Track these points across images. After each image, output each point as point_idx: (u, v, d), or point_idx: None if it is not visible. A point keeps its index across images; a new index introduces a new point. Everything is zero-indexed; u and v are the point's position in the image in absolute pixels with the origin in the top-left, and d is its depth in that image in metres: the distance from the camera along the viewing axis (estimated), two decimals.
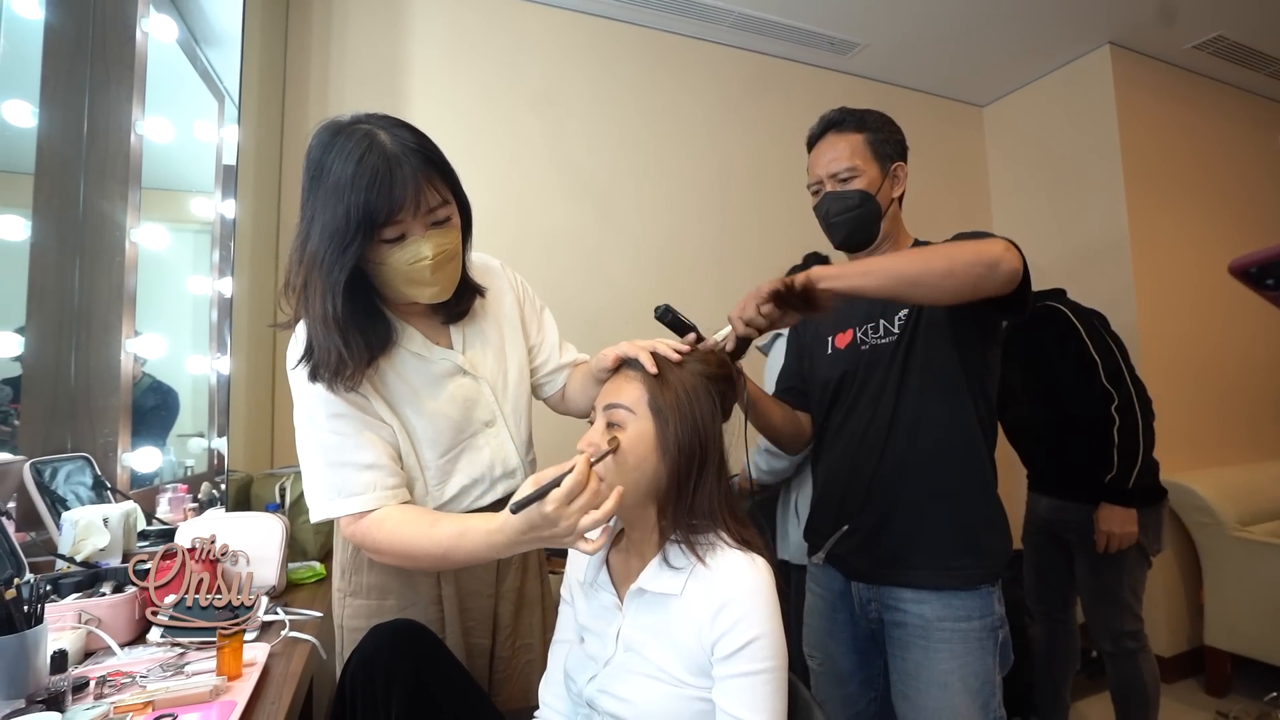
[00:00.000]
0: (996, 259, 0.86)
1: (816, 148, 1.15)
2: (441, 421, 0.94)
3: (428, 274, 0.84)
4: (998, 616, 1.01)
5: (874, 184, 1.10)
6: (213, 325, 2.03)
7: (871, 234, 1.11)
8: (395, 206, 0.79)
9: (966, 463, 1.04)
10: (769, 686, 0.70)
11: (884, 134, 1.11)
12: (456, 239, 0.88)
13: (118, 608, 0.98)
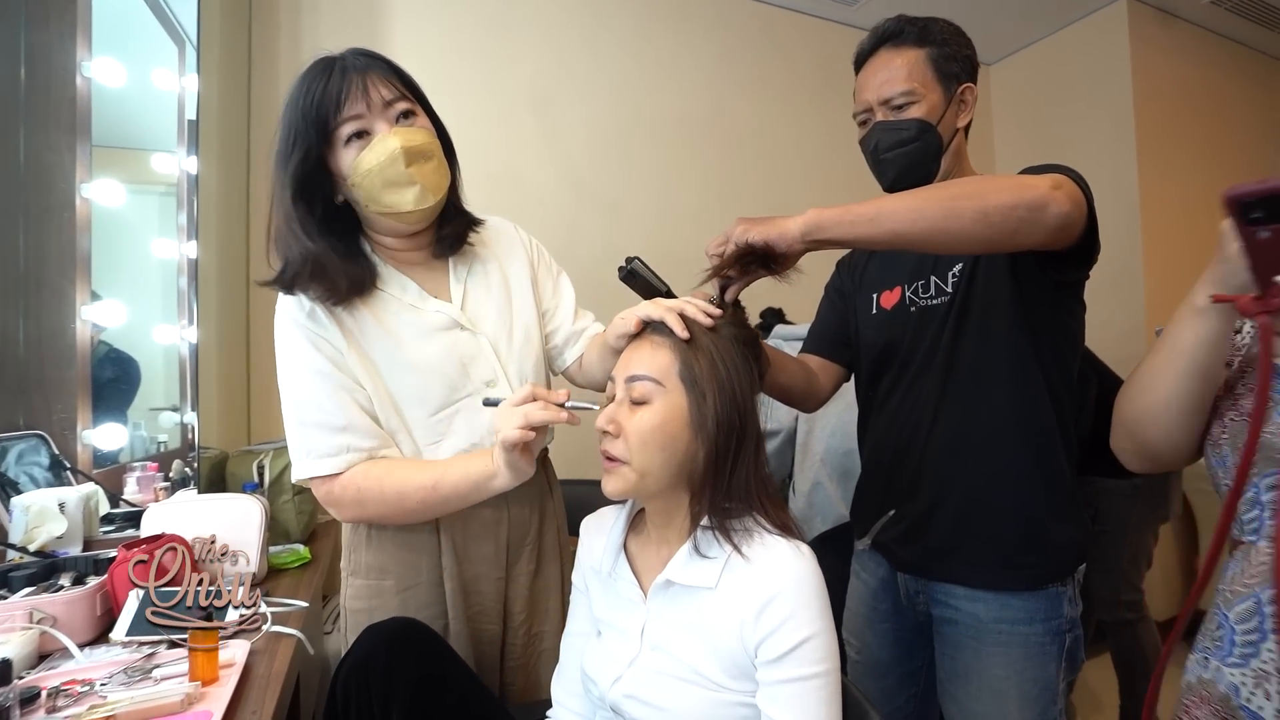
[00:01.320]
0: (1042, 200, 0.69)
1: (866, 67, 0.95)
2: (431, 377, 0.88)
3: (402, 168, 0.81)
4: (1065, 619, 0.88)
5: (935, 111, 0.91)
6: (181, 292, 1.89)
7: (929, 172, 0.93)
8: (340, 97, 0.80)
9: (1033, 443, 0.88)
10: (823, 692, 0.62)
11: (951, 48, 0.91)
12: (429, 138, 0.85)
13: (76, 604, 0.88)
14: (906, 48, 0.92)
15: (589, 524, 0.84)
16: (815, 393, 1.05)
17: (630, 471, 0.69)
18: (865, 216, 0.72)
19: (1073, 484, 0.91)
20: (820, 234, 0.73)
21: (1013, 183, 0.72)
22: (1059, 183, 0.72)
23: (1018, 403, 0.89)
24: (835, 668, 0.64)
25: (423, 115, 0.87)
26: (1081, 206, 0.74)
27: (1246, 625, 0.61)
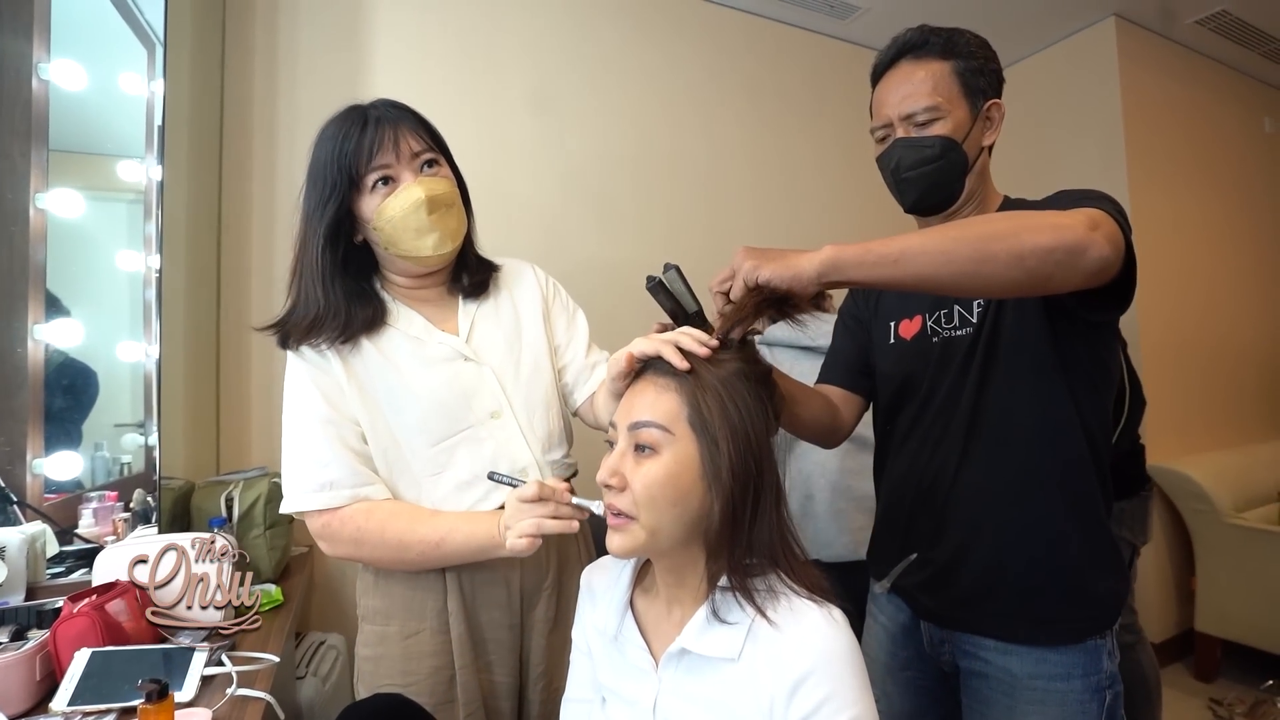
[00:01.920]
0: (1081, 244, 0.63)
1: (886, 79, 0.89)
2: (431, 407, 0.88)
3: (424, 216, 0.85)
4: (1106, 674, 0.82)
5: (961, 128, 0.85)
6: (148, 306, 1.79)
7: (953, 193, 0.88)
8: (372, 149, 0.84)
9: (1069, 488, 0.82)
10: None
11: (978, 61, 0.86)
12: (451, 187, 0.90)
13: (11, 669, 0.78)
14: (930, 60, 0.86)
15: (590, 577, 0.76)
16: (839, 428, 0.98)
17: (639, 529, 0.62)
18: (889, 258, 0.65)
19: (1109, 529, 0.85)
20: (837, 275, 0.66)
21: (1049, 222, 0.66)
22: (1096, 221, 0.66)
23: (1053, 446, 0.83)
24: None
25: (445, 165, 0.92)
26: (1120, 246, 0.68)
27: None
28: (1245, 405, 2.85)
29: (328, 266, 0.86)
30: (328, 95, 1.74)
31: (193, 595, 0.85)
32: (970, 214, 0.92)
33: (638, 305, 0.99)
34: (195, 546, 0.96)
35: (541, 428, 0.94)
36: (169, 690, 0.68)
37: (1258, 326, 2.91)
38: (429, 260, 0.89)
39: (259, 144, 1.70)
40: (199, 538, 0.99)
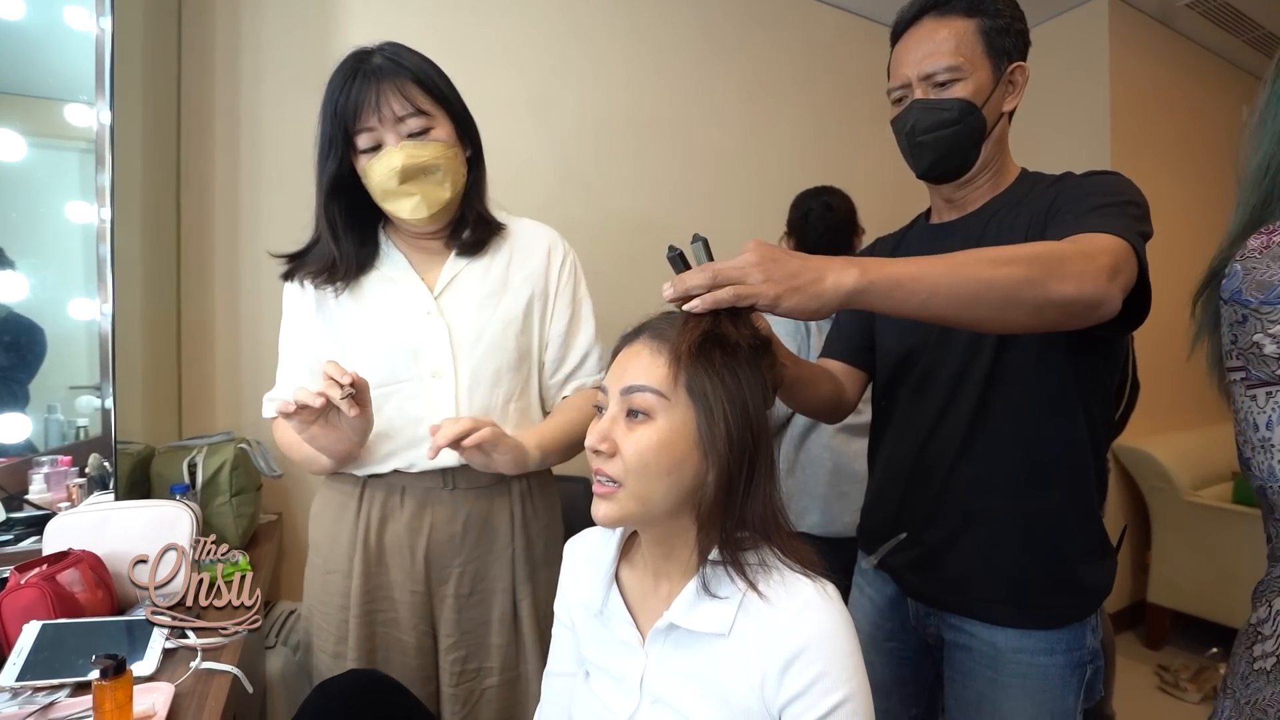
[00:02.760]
0: (1099, 298, 0.64)
1: (907, 37, 0.85)
2: (380, 350, 0.91)
3: (396, 183, 0.86)
4: (1088, 650, 0.83)
5: (982, 91, 0.81)
6: (101, 261, 1.68)
7: (969, 159, 0.84)
8: (356, 110, 0.85)
9: (1070, 480, 0.82)
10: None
11: (1005, 20, 0.81)
12: (437, 152, 0.88)
13: None
14: (954, 17, 0.82)
15: (573, 550, 0.74)
16: (843, 404, 0.96)
17: (628, 498, 0.59)
18: (918, 295, 0.61)
19: (1100, 518, 0.86)
20: (860, 305, 0.62)
21: (1077, 269, 0.63)
22: (1119, 266, 0.66)
23: (1056, 439, 0.82)
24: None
25: (441, 125, 0.89)
26: (1131, 285, 0.69)
27: None
28: (1211, 387, 2.93)
29: (333, 220, 0.91)
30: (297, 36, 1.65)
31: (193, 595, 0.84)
32: (985, 185, 0.89)
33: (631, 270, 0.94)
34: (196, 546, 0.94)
35: (482, 400, 0.92)
36: (126, 665, 0.64)
37: None
38: (409, 223, 0.91)
39: (221, 92, 1.59)
40: (201, 538, 0.95)
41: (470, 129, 0.94)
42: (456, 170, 0.91)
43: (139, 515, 0.98)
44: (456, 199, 0.93)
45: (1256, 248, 0.68)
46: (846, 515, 1.47)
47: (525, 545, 0.95)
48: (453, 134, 0.91)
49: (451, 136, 0.90)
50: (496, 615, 0.93)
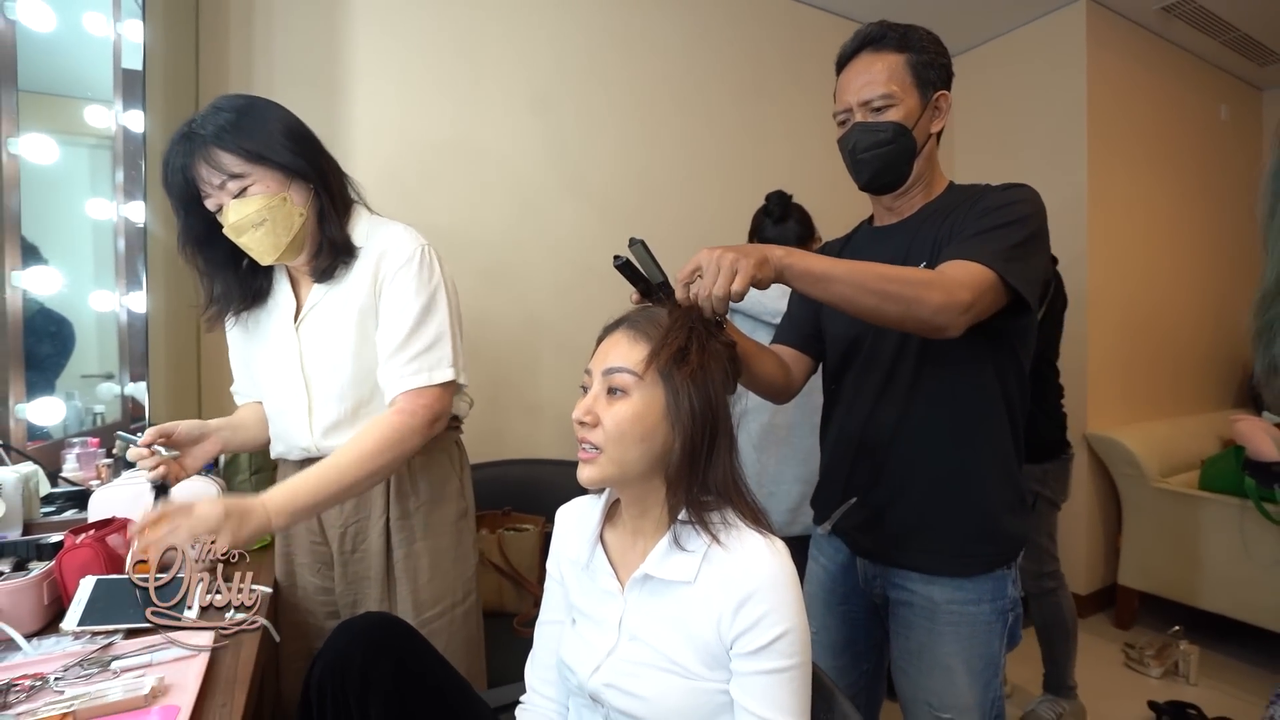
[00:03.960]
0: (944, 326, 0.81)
1: (848, 69, 0.98)
2: (259, 367, 1.09)
3: (236, 237, 0.96)
4: (1009, 599, 0.96)
5: (912, 115, 0.94)
6: (119, 255, 1.77)
7: (902, 174, 0.98)
8: (172, 188, 0.96)
9: (991, 442, 0.95)
10: (795, 683, 0.65)
11: (929, 55, 0.95)
12: (260, 204, 0.94)
13: (21, 593, 0.84)
14: (887, 52, 0.95)
15: (564, 515, 0.85)
16: (790, 385, 1.07)
17: (607, 462, 0.70)
18: (815, 275, 0.78)
19: (1020, 477, 0.98)
20: (785, 277, 0.78)
21: (938, 301, 0.79)
22: (971, 304, 0.80)
23: (978, 404, 0.94)
24: (807, 660, 0.67)
25: (259, 178, 0.94)
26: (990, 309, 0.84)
27: None
28: (1184, 380, 3.04)
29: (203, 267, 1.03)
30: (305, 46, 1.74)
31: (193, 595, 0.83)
32: (918, 195, 1.01)
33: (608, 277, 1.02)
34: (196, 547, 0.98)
35: (331, 414, 1.04)
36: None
37: (1202, 305, 3.09)
38: (268, 264, 1.01)
39: None
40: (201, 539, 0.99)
41: (301, 167, 0.97)
42: (287, 214, 0.96)
43: (174, 489, 1.08)
44: (299, 237, 0.99)
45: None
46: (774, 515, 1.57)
47: (400, 516, 1.07)
48: (275, 182, 0.95)
49: (273, 186, 0.95)
50: (374, 573, 1.06)
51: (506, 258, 2.01)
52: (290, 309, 1.06)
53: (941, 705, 0.96)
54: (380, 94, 1.83)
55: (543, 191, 2.08)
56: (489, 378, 1.91)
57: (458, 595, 1.09)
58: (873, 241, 1.06)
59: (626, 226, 2.19)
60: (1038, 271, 0.88)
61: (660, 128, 2.31)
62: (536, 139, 2.07)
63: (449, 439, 1.15)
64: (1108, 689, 2.13)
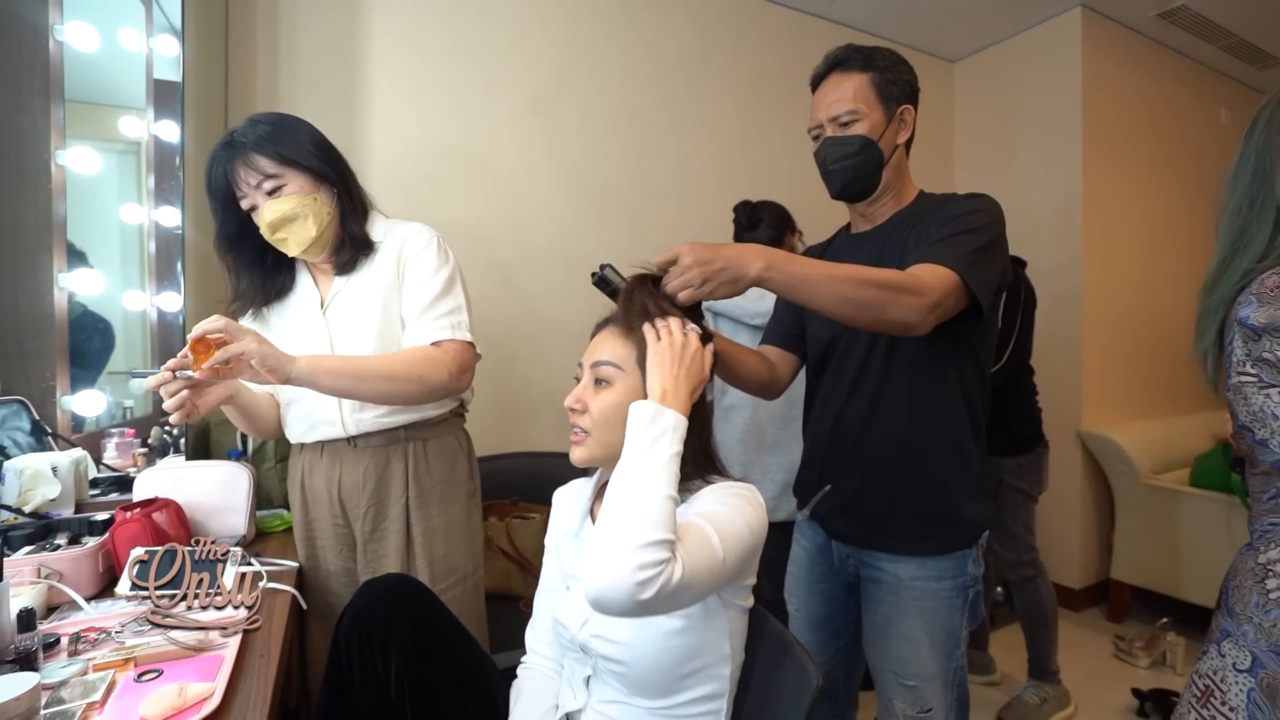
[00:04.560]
0: (914, 324, 0.87)
1: (820, 89, 1.08)
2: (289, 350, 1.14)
3: (271, 233, 1.08)
4: (969, 577, 1.03)
5: (877, 129, 1.03)
6: (150, 257, 1.89)
7: (872, 183, 1.05)
8: (214, 190, 1.08)
9: (950, 434, 1.02)
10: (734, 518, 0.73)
11: (891, 74, 1.04)
12: (294, 203, 1.07)
13: (80, 561, 0.95)
14: (853, 72, 1.04)
15: (561, 494, 0.94)
16: (776, 382, 1.16)
17: (594, 444, 0.79)
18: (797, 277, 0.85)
19: (980, 468, 1.05)
20: (767, 284, 0.84)
21: (908, 303, 0.86)
22: (941, 301, 0.88)
23: (940, 401, 1.02)
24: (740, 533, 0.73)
25: (292, 179, 1.07)
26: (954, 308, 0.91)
27: None
28: (1179, 380, 3.08)
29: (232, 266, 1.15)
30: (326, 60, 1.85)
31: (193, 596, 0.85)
32: (889, 203, 1.09)
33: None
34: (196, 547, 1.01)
35: None
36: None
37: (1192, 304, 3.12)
38: (299, 257, 1.14)
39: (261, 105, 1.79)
40: (201, 539, 1.06)
41: (327, 172, 1.10)
42: (318, 211, 1.09)
43: (209, 473, 1.19)
44: (326, 232, 1.11)
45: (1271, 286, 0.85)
46: None
47: (418, 495, 1.16)
48: (306, 183, 1.08)
49: (305, 186, 1.08)
50: (393, 550, 1.15)
51: (511, 258, 2.11)
52: (314, 299, 1.17)
53: (906, 673, 1.04)
54: (394, 104, 1.94)
55: (547, 195, 2.17)
56: (497, 374, 2.01)
57: (468, 568, 1.19)
58: (849, 246, 1.14)
59: (627, 228, 2.29)
60: (994, 275, 0.96)
61: (661, 133, 2.39)
62: (540, 145, 2.16)
63: (456, 425, 1.25)
64: (1096, 678, 2.19)
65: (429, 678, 0.80)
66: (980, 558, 1.06)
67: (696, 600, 0.71)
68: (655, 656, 0.76)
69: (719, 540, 0.69)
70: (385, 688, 0.78)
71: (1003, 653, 2.24)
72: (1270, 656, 0.84)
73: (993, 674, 2.17)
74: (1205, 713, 0.88)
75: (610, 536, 0.64)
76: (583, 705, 0.82)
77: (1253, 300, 0.87)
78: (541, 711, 0.85)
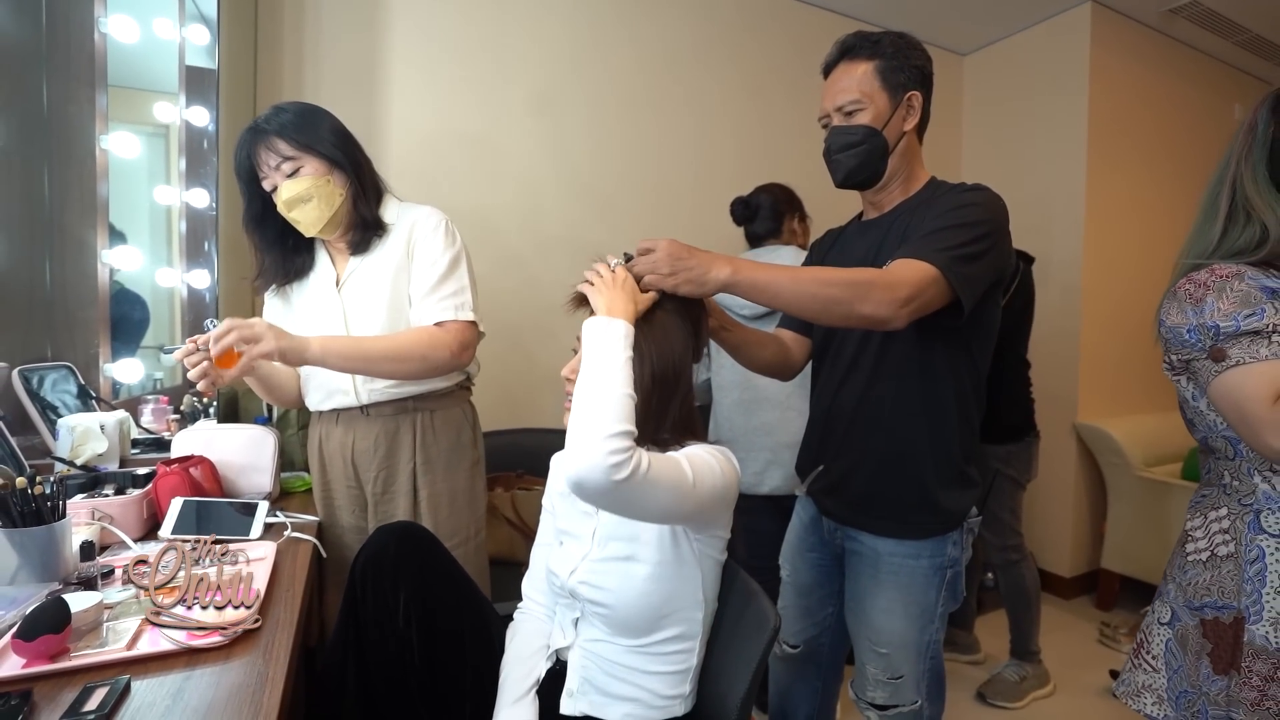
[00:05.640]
0: (887, 318, 0.88)
1: (829, 78, 1.08)
2: (308, 325, 1.23)
3: (288, 211, 1.17)
4: (948, 558, 1.06)
5: (881, 117, 1.02)
6: (181, 236, 2.00)
7: (876, 172, 1.05)
8: (240, 171, 1.18)
9: (933, 426, 1.04)
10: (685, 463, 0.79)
11: (898, 60, 1.02)
12: (308, 184, 1.15)
13: (128, 506, 1.06)
14: (858, 61, 1.05)
15: (557, 458, 1.03)
16: (789, 364, 1.21)
17: None
18: (762, 286, 0.89)
19: (963, 460, 1.08)
20: (732, 290, 0.89)
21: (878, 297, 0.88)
22: (910, 298, 0.89)
23: (925, 394, 1.04)
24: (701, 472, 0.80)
25: (308, 163, 1.16)
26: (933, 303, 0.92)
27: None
28: None
29: (257, 242, 1.24)
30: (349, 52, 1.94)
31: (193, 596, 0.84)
32: (896, 190, 1.10)
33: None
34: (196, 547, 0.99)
35: None
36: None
37: None
38: (312, 235, 1.21)
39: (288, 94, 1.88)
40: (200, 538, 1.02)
41: (341, 158, 1.18)
42: (330, 194, 1.17)
43: (238, 435, 1.30)
44: (339, 213, 1.19)
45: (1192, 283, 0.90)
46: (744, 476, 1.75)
47: (425, 461, 1.25)
48: (321, 167, 1.16)
49: (320, 170, 1.16)
50: (401, 511, 1.25)
51: (520, 245, 2.20)
52: (331, 277, 1.26)
53: (879, 641, 1.10)
54: (412, 95, 2.03)
55: (556, 185, 2.26)
56: (504, 353, 2.11)
57: (470, 531, 1.29)
58: (858, 235, 1.17)
59: (633, 218, 2.37)
60: (981, 271, 0.95)
61: (670, 125, 2.46)
62: (551, 135, 2.24)
63: (462, 397, 1.35)
64: (1078, 661, 2.26)
65: (433, 608, 0.90)
66: (963, 540, 1.09)
67: (669, 511, 0.78)
68: (636, 600, 0.86)
69: (689, 466, 0.78)
70: (394, 617, 0.88)
71: (989, 635, 2.32)
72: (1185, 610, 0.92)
73: (977, 654, 2.25)
74: (1136, 662, 0.97)
75: (582, 428, 0.72)
76: (571, 643, 0.92)
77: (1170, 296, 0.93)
78: (534, 649, 0.95)
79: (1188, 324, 0.88)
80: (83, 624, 0.73)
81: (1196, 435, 1.00)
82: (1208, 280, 0.89)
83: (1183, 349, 0.90)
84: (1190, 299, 0.89)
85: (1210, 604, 0.89)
